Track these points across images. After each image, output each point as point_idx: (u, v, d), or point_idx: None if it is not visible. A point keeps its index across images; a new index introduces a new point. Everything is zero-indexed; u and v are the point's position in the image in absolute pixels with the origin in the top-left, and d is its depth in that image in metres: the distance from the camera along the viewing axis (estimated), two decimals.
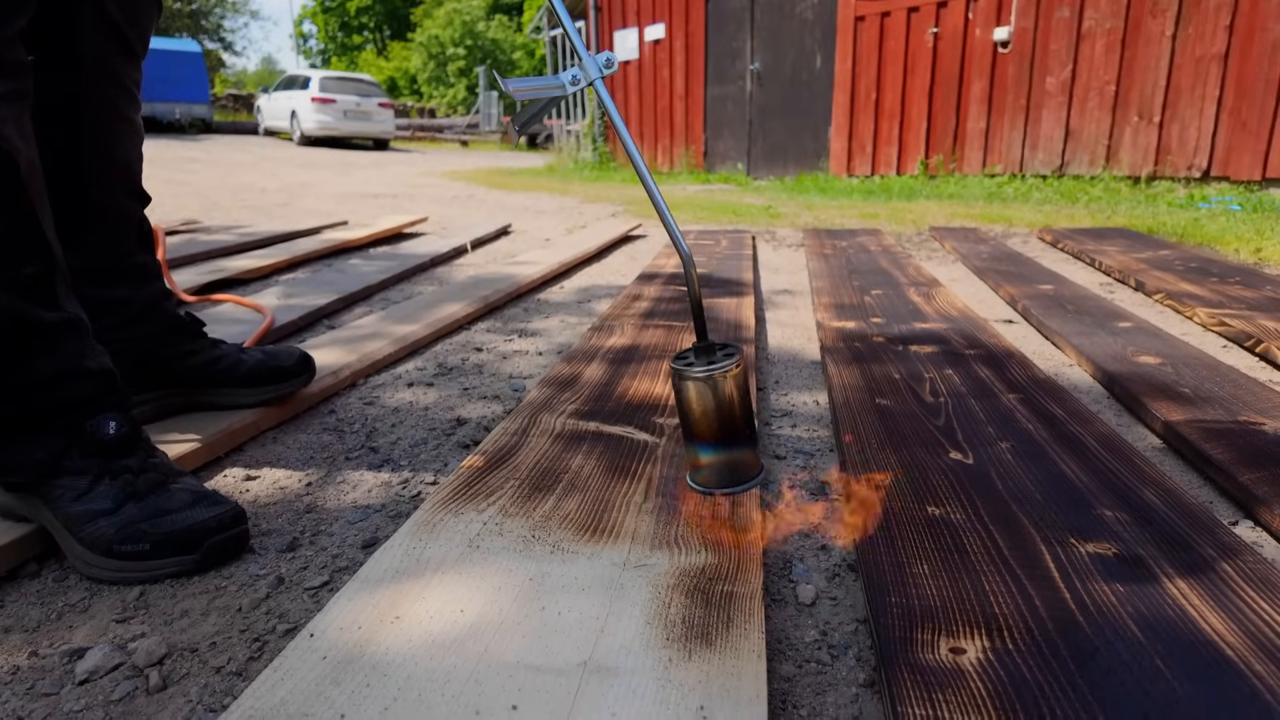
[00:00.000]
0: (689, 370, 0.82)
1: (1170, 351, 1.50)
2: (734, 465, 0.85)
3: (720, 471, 0.85)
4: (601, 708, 0.55)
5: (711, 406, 0.82)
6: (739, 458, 0.85)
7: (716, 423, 0.82)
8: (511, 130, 3.37)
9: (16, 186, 0.79)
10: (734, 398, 0.82)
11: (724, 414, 0.82)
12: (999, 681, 0.60)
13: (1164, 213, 3.90)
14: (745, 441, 0.85)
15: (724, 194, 5.61)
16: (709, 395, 0.82)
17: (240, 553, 0.87)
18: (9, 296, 0.79)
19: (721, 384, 0.81)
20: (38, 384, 0.83)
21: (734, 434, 0.83)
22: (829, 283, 2.22)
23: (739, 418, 0.83)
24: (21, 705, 0.65)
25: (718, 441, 0.84)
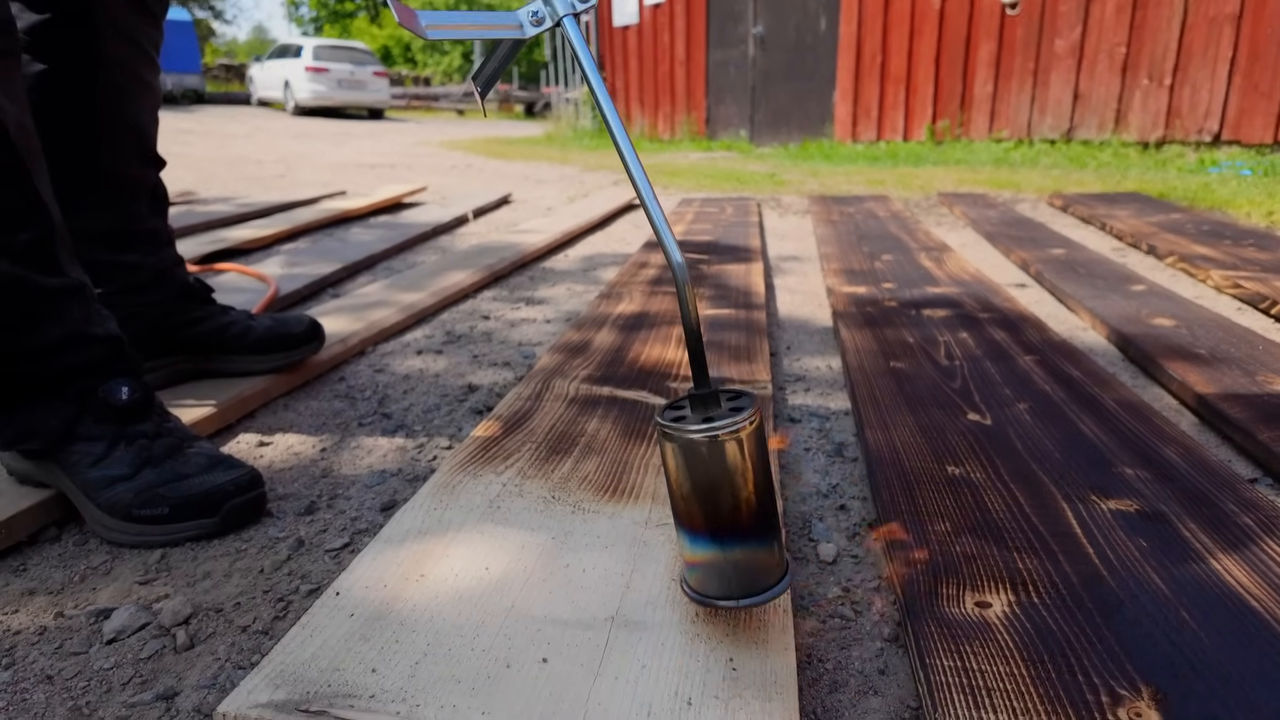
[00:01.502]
0: (681, 428, 0.55)
1: (1185, 314, 1.49)
2: (745, 567, 0.57)
3: (723, 574, 0.57)
4: (632, 660, 0.55)
5: (711, 481, 0.55)
6: (752, 556, 0.57)
7: (718, 505, 0.55)
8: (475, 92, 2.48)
9: (7, 149, 0.77)
10: (744, 468, 0.55)
11: (729, 492, 0.55)
12: (1026, 634, 0.60)
13: (1174, 177, 3.86)
14: (762, 531, 0.57)
15: (727, 161, 5.56)
16: (707, 465, 0.54)
17: (259, 516, 0.87)
18: (8, 264, 0.78)
19: (726, 449, 0.54)
20: (45, 350, 0.82)
21: (744, 521, 0.56)
22: (838, 249, 2.20)
23: (751, 497, 0.55)
24: (51, 664, 0.65)
25: (720, 532, 0.56)
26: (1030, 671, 0.56)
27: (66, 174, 0.93)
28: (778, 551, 0.58)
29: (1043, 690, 0.54)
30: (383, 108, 14.71)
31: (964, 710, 0.52)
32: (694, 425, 0.55)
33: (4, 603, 0.73)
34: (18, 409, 0.83)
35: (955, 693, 0.54)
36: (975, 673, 0.56)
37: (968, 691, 0.54)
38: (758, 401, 0.57)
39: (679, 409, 0.59)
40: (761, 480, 0.56)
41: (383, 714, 0.50)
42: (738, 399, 0.59)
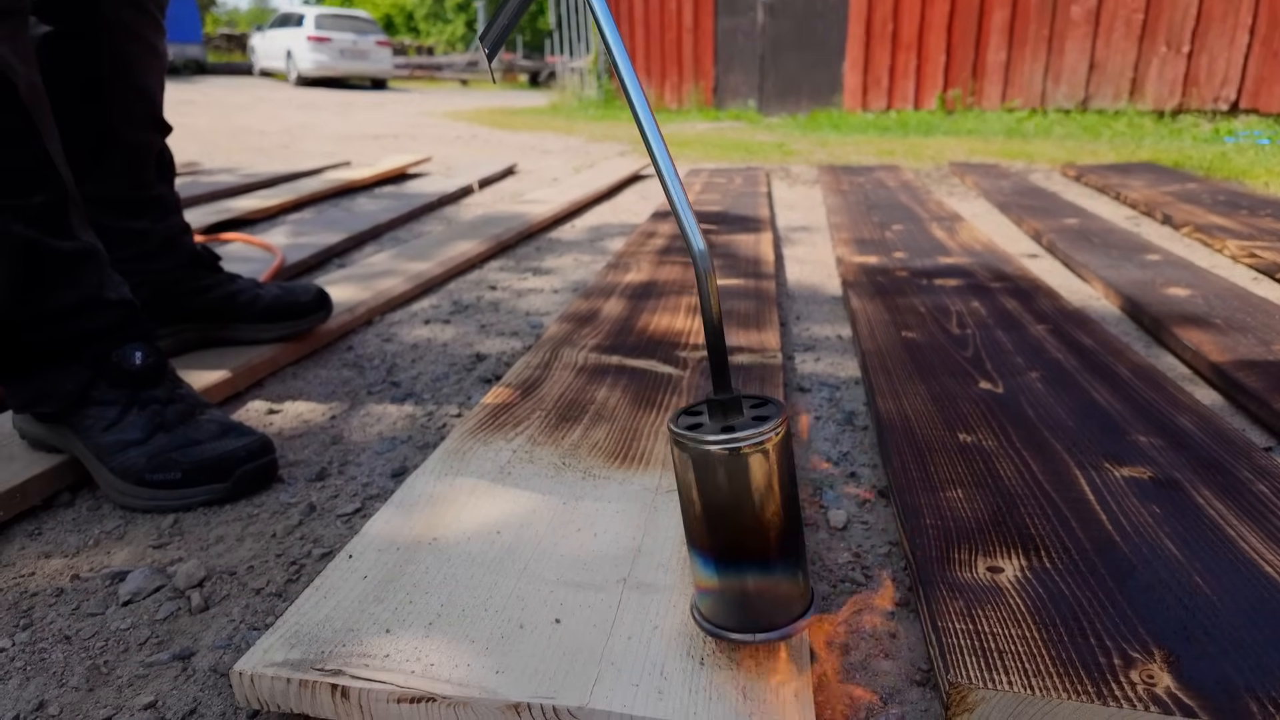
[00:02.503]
0: (696, 438, 0.48)
1: (1200, 283, 1.47)
2: (765, 596, 0.51)
3: (740, 603, 0.51)
4: (644, 620, 0.55)
5: (730, 499, 0.49)
6: (774, 586, 0.51)
7: (736, 526, 0.49)
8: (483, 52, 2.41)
9: (18, 110, 0.77)
10: (767, 486, 0.49)
11: (750, 513, 0.49)
12: (1038, 598, 0.60)
13: (1190, 147, 3.80)
14: (786, 557, 0.51)
15: (735, 131, 5.49)
16: (726, 480, 0.48)
17: (270, 482, 0.88)
18: (22, 226, 0.78)
19: (749, 464, 0.48)
20: (59, 314, 0.82)
21: (766, 546, 0.50)
22: (848, 218, 2.17)
23: (775, 518, 0.49)
24: (68, 624, 0.66)
25: (738, 556, 0.50)
26: (1042, 634, 0.56)
27: (75, 138, 0.92)
28: (802, 580, 0.51)
29: (1055, 652, 0.54)
30: (386, 78, 14.54)
31: (976, 672, 0.52)
32: (712, 435, 0.48)
33: (21, 565, 0.74)
34: (33, 373, 0.83)
35: (967, 655, 0.54)
36: (987, 635, 0.56)
37: (979, 654, 0.54)
38: (785, 410, 0.50)
39: (695, 414, 0.53)
40: (787, 499, 0.50)
41: (398, 673, 0.51)
42: (763, 406, 0.52)
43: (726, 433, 0.49)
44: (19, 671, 0.61)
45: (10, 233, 0.77)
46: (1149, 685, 0.51)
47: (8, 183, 0.77)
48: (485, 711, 0.49)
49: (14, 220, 0.77)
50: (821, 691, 0.57)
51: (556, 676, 0.50)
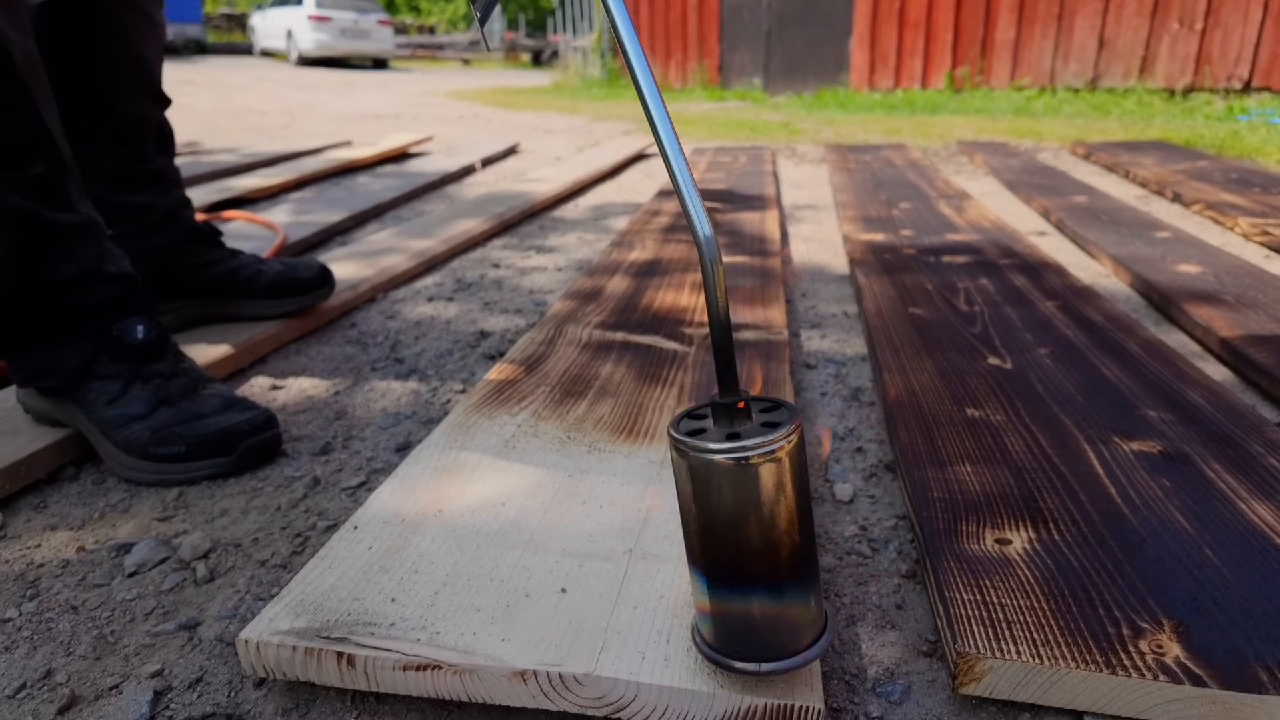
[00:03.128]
0: (699, 445, 0.43)
1: (1210, 260, 1.46)
2: (773, 622, 0.45)
3: (746, 629, 0.46)
4: (650, 590, 0.55)
5: (735, 513, 0.44)
6: (783, 611, 0.45)
7: (742, 543, 0.44)
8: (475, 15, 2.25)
9: (13, 79, 0.76)
10: (777, 499, 0.44)
11: (757, 529, 0.44)
12: (1047, 569, 0.59)
13: (1201, 125, 3.76)
14: (797, 579, 0.45)
15: (740, 111, 5.44)
16: (731, 493, 0.43)
17: (273, 456, 0.87)
18: (19, 198, 0.77)
19: (757, 475, 0.43)
20: (60, 287, 0.81)
21: (775, 566, 0.45)
22: (854, 196, 2.15)
23: (786, 535, 0.44)
24: (75, 595, 0.66)
25: (744, 577, 0.45)
26: (1051, 605, 0.55)
27: (73, 109, 0.91)
28: (814, 605, 0.46)
29: (1063, 623, 0.54)
30: (387, 57, 14.42)
31: (984, 641, 0.52)
32: (716, 442, 0.43)
33: (27, 538, 0.74)
34: (35, 347, 0.83)
35: (975, 625, 0.53)
36: (995, 606, 0.55)
37: (988, 624, 0.54)
38: (798, 414, 0.45)
39: (698, 418, 0.47)
40: (799, 514, 0.44)
41: (403, 641, 0.51)
42: (774, 410, 0.47)
43: (732, 439, 0.43)
44: (26, 641, 0.61)
45: (7, 204, 0.76)
46: (1158, 655, 0.51)
47: (4, 154, 0.76)
48: (491, 678, 0.49)
49: (10, 191, 0.77)
50: (829, 661, 0.57)
51: (562, 644, 0.50)
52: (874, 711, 0.53)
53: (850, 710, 0.54)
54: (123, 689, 0.56)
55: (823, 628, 0.48)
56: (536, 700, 0.49)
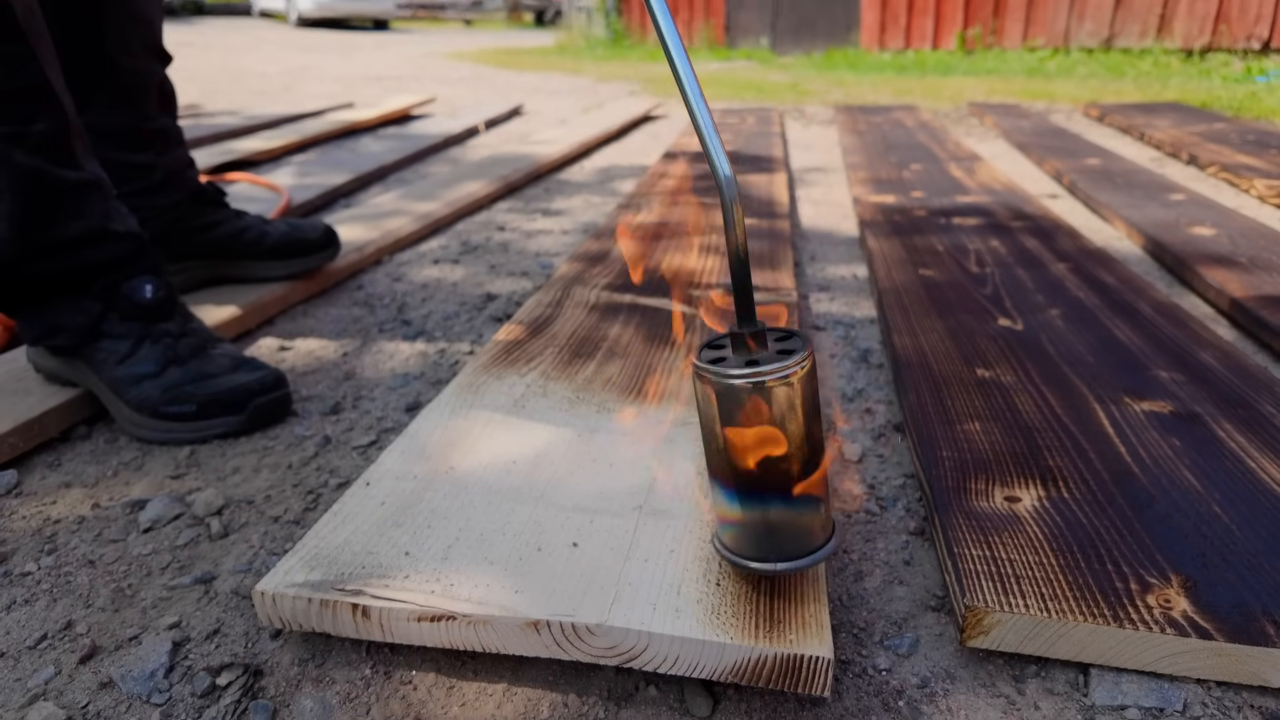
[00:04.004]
0: (722, 372, 0.47)
1: (1225, 223, 1.44)
2: (788, 527, 0.50)
3: (763, 535, 0.50)
4: (660, 545, 0.56)
5: (756, 432, 0.48)
6: (797, 517, 0.50)
7: (764, 459, 0.48)
8: None
9: (14, 34, 0.74)
10: (793, 419, 0.48)
11: (775, 443, 0.48)
12: (1056, 526, 0.59)
13: (1219, 87, 3.68)
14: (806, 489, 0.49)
15: (747, 71, 5.35)
16: (750, 414, 0.47)
17: (284, 415, 0.88)
18: (23, 154, 0.76)
19: (773, 397, 0.47)
20: (66, 245, 0.81)
21: (790, 478, 0.49)
22: (864, 158, 2.13)
23: (799, 451, 0.48)
24: (91, 550, 0.67)
25: (762, 489, 0.49)
26: (1059, 561, 0.56)
27: (74, 66, 0.90)
28: (824, 510, 0.51)
29: (1071, 578, 0.54)
30: (388, 18, 14.15)
31: (992, 596, 0.52)
32: (737, 369, 0.47)
33: (42, 494, 0.75)
34: (44, 306, 0.83)
35: (984, 580, 0.54)
36: (1004, 561, 0.56)
37: (996, 579, 0.54)
38: (810, 342, 0.49)
39: (718, 348, 0.51)
40: (810, 432, 0.49)
41: (417, 593, 0.51)
42: (788, 339, 0.51)
43: (750, 366, 0.47)
44: (46, 594, 0.62)
45: (12, 161, 0.75)
46: (1165, 609, 0.51)
47: (7, 110, 0.75)
48: (505, 628, 0.49)
49: (15, 148, 0.76)
50: (837, 615, 0.58)
51: (575, 596, 0.51)
52: (882, 664, 0.54)
53: (858, 662, 0.54)
54: (142, 640, 0.57)
55: (830, 533, 0.52)
56: (550, 650, 0.50)
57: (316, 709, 0.51)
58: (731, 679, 0.48)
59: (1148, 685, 0.50)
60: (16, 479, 0.77)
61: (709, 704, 0.51)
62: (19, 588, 0.63)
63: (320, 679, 0.53)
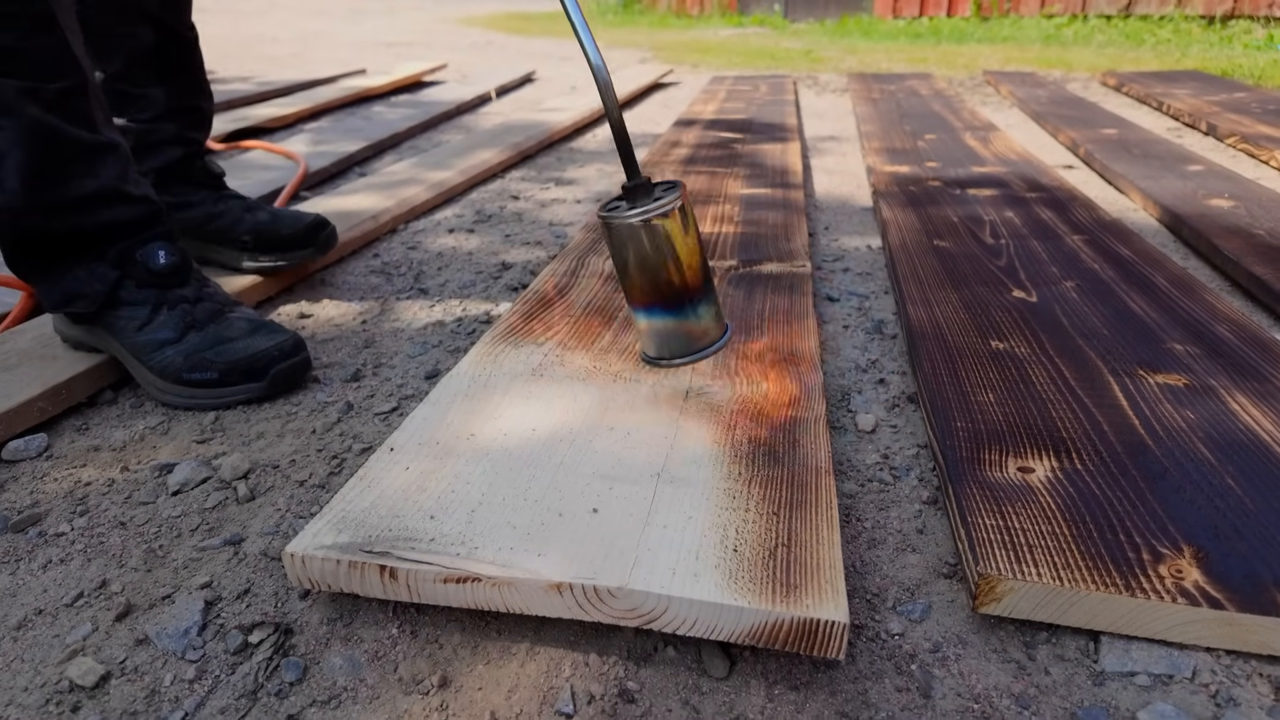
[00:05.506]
0: (619, 216, 0.63)
1: (1244, 194, 1.42)
2: (686, 331, 0.68)
3: (669, 338, 0.68)
4: (678, 512, 0.57)
5: (650, 258, 0.64)
6: (691, 322, 0.67)
7: (658, 279, 0.65)
8: None
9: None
10: (675, 245, 0.63)
11: (665, 268, 0.64)
12: (1069, 497, 0.60)
13: (1240, 55, 3.61)
14: (699, 299, 0.67)
15: (759, 38, 5.26)
16: (644, 245, 0.63)
17: (304, 380, 0.89)
18: (40, 110, 0.77)
19: (657, 229, 0.62)
20: (78, 203, 0.81)
21: (683, 290, 0.65)
22: (879, 127, 2.10)
23: (686, 270, 0.65)
24: (122, 512, 0.68)
25: (663, 302, 0.66)
26: (1072, 531, 0.57)
27: None
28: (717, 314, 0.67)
29: (1084, 547, 0.55)
30: None
31: (1005, 564, 0.53)
32: (635, 211, 0.62)
33: (72, 457, 0.77)
34: (63, 273, 0.84)
35: (997, 548, 0.55)
36: (1017, 531, 0.57)
37: (1009, 547, 0.55)
38: (682, 186, 0.65)
39: (617, 204, 0.66)
40: (693, 254, 0.64)
41: (443, 555, 0.53)
42: (670, 188, 0.65)
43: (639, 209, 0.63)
44: (80, 554, 0.64)
45: (26, 114, 0.76)
46: (1177, 579, 0.52)
47: (28, 66, 0.76)
48: (528, 590, 0.51)
49: (31, 103, 0.76)
50: (851, 580, 0.59)
51: (595, 560, 0.52)
52: (895, 629, 0.55)
53: (871, 627, 0.56)
54: (174, 599, 0.59)
55: (721, 331, 0.69)
56: (572, 611, 0.51)
57: (346, 666, 0.53)
58: (748, 641, 0.49)
59: (1157, 653, 0.52)
60: (47, 443, 0.78)
61: (726, 665, 0.52)
62: (54, 548, 0.65)
63: (349, 638, 0.55)
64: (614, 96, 0.62)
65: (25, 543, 0.65)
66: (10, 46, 0.75)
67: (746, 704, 0.50)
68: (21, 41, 0.75)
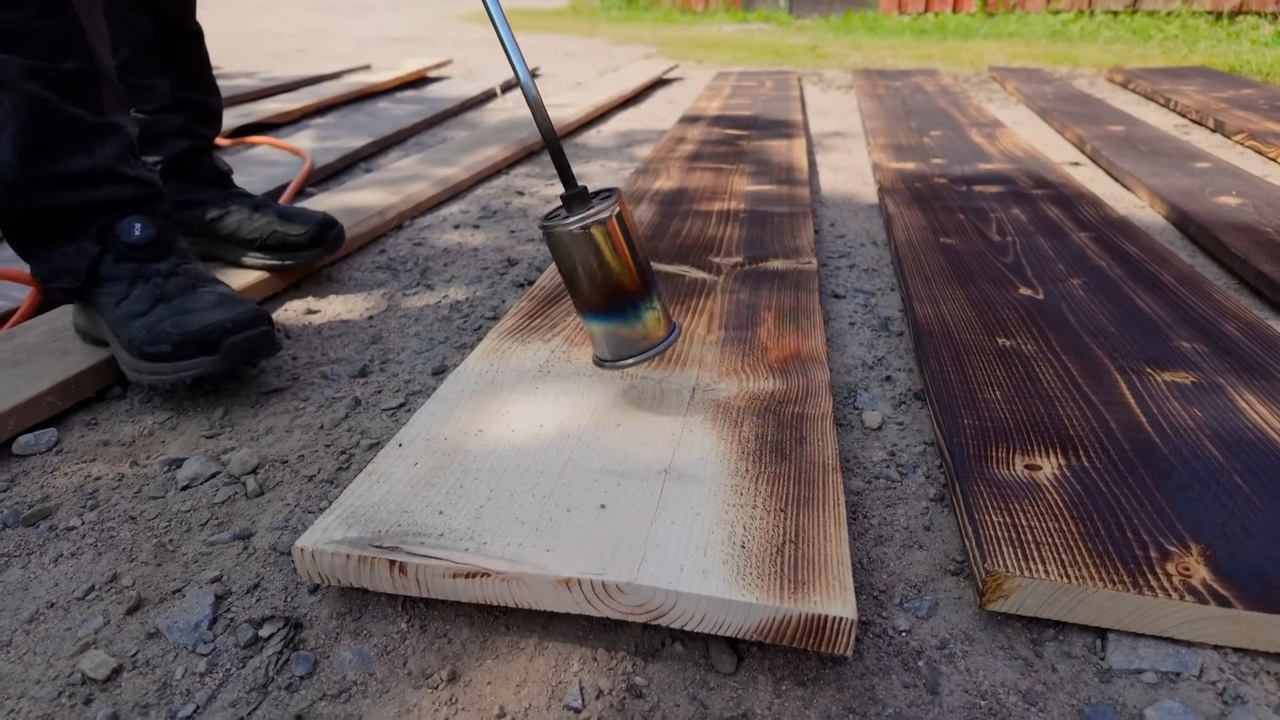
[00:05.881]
0: (558, 224, 0.64)
1: (1252, 192, 1.42)
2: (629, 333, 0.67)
3: (614, 341, 0.68)
4: (686, 508, 0.57)
5: (590, 265, 0.65)
6: (632, 324, 0.67)
7: (597, 284, 0.65)
8: None
9: None
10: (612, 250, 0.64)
11: (603, 272, 0.65)
12: (1076, 494, 0.60)
13: (1248, 51, 3.59)
14: (639, 302, 0.67)
15: (764, 34, 5.25)
16: (585, 251, 0.64)
17: (264, 355, 0.84)
18: (39, 86, 0.78)
19: (594, 236, 0.64)
20: (67, 179, 0.82)
21: (623, 294, 0.66)
22: (884, 124, 2.10)
23: (624, 274, 0.65)
24: (132, 506, 0.69)
25: (605, 306, 0.66)
26: (1079, 528, 0.57)
27: None
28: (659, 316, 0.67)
29: (1091, 545, 0.55)
30: None
31: (1012, 561, 0.53)
32: (566, 220, 0.64)
33: (82, 452, 0.77)
34: (54, 250, 0.85)
35: (1004, 545, 0.55)
36: (1024, 528, 0.57)
37: (1016, 545, 0.55)
38: (618, 192, 0.66)
39: (556, 214, 0.67)
40: (629, 258, 0.65)
41: (453, 550, 0.53)
42: (606, 196, 0.66)
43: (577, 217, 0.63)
44: (90, 547, 0.64)
45: (23, 89, 0.77)
46: (1185, 577, 0.52)
47: (36, 45, 0.77)
48: (537, 586, 0.51)
49: (32, 80, 0.77)
50: (857, 577, 0.59)
51: (604, 555, 0.52)
52: (901, 625, 0.55)
53: (878, 624, 0.56)
54: (185, 593, 0.59)
55: (666, 331, 0.68)
56: (580, 606, 0.51)
57: (355, 660, 0.53)
58: (756, 637, 0.50)
59: (1164, 650, 0.52)
60: (56, 437, 0.79)
61: (733, 661, 0.52)
62: (65, 541, 0.65)
63: (358, 632, 0.55)
64: (545, 113, 0.64)
65: (36, 536, 0.66)
66: (20, 25, 0.76)
67: (754, 699, 0.50)
68: (31, 21, 0.77)
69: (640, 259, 0.66)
